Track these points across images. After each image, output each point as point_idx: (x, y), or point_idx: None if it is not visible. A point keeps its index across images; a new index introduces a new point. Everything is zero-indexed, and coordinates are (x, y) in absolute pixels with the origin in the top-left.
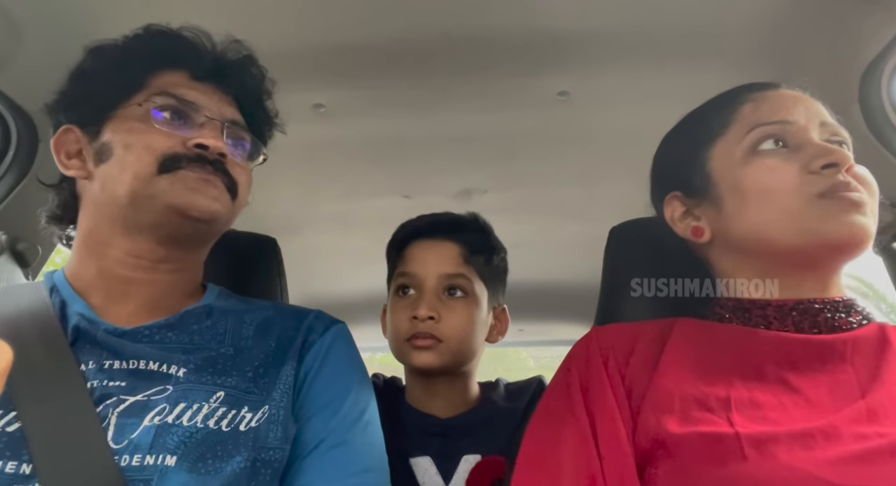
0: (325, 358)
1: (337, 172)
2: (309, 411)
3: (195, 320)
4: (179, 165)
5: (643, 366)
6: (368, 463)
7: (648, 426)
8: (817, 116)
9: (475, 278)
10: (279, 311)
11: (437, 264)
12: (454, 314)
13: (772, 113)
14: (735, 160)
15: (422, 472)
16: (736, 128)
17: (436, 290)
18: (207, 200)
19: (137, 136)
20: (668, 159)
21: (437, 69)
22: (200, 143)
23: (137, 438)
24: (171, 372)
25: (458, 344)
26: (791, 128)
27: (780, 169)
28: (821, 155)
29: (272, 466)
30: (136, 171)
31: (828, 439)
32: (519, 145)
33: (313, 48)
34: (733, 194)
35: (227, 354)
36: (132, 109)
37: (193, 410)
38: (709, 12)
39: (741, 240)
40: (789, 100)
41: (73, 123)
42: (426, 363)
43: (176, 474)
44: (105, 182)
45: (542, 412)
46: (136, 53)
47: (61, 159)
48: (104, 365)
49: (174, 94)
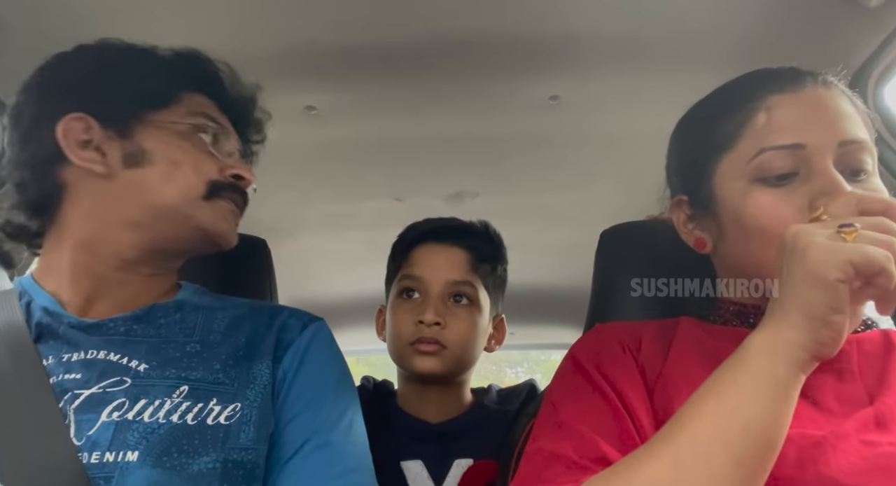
0: (303, 358)
1: (328, 174)
2: (290, 412)
3: (163, 314)
4: (221, 194)
5: (653, 357)
6: (353, 463)
7: (657, 412)
8: (838, 132)
9: (480, 286)
10: (253, 308)
11: (446, 270)
12: (459, 321)
13: (785, 130)
14: (739, 186)
15: (413, 476)
16: (745, 144)
17: (442, 296)
18: (233, 231)
19: (186, 155)
20: (679, 155)
21: (430, 72)
22: (238, 174)
23: (95, 434)
24: (130, 365)
25: (461, 351)
26: (803, 153)
27: (782, 208)
28: (826, 195)
29: (245, 467)
30: (184, 190)
31: (838, 442)
32: (510, 149)
33: (305, 50)
34: (734, 223)
35: (193, 350)
36: (172, 124)
37: (155, 406)
38: (698, 18)
39: (742, 265)
40: (810, 109)
41: (89, 113)
42: (429, 369)
43: (139, 469)
44: (136, 188)
45: (559, 389)
46: (170, 66)
47: (72, 148)
48: (62, 358)
49: (214, 118)
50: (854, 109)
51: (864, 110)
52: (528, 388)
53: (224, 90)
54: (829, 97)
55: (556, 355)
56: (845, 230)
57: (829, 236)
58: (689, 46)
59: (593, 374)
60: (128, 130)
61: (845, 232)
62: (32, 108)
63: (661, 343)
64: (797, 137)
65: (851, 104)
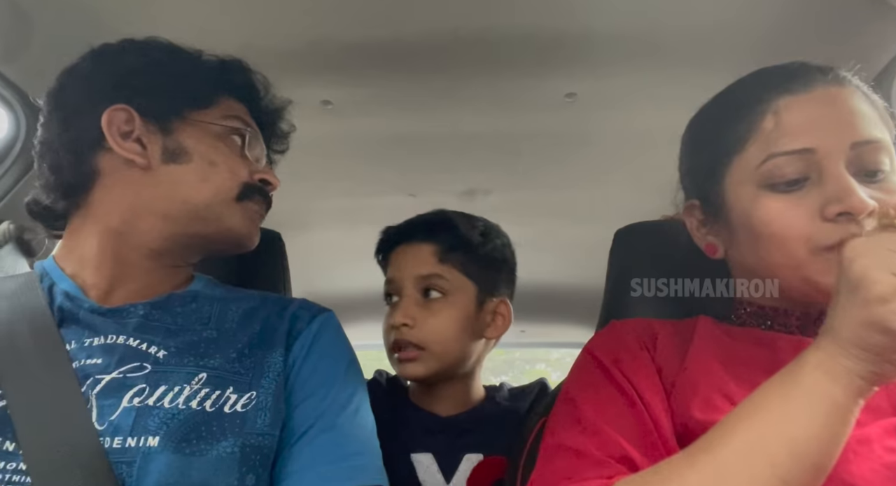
0: (311, 346)
1: (343, 168)
2: (297, 397)
3: (179, 303)
4: (251, 197)
5: (671, 355)
6: (359, 447)
7: (676, 411)
8: (851, 133)
9: (455, 275)
10: (265, 300)
11: (412, 267)
12: (432, 317)
13: (794, 135)
14: (748, 191)
15: (423, 469)
16: (753, 148)
17: (412, 294)
18: (257, 233)
19: (222, 156)
20: (690, 158)
21: (445, 68)
22: (266, 179)
23: (117, 419)
24: (149, 351)
25: (443, 348)
26: (813, 157)
27: (793, 213)
28: (837, 200)
29: (262, 452)
30: (219, 190)
31: (860, 447)
32: (525, 146)
33: (322, 45)
34: (745, 229)
35: (210, 337)
36: (210, 124)
37: (175, 392)
38: (717, 15)
39: (754, 272)
40: (820, 111)
41: (133, 106)
42: (414, 374)
43: (160, 454)
44: (173, 183)
45: (577, 385)
46: (212, 70)
47: (115, 137)
48: (84, 343)
49: (248, 122)
50: (870, 106)
51: (884, 106)
52: (539, 386)
53: (258, 99)
54: (842, 96)
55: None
56: None
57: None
58: (707, 45)
59: (612, 370)
60: (169, 125)
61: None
62: (77, 94)
63: (679, 342)
64: (807, 141)
65: (867, 101)
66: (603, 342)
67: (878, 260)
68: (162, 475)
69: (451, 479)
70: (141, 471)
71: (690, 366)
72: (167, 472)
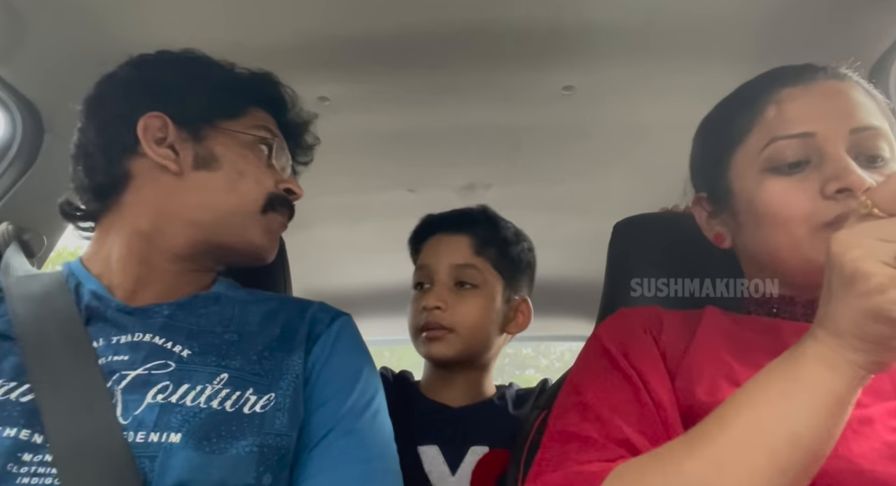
0: (332, 349)
1: (341, 165)
2: (317, 401)
3: (203, 305)
4: (275, 208)
5: (676, 340)
6: (377, 451)
7: (680, 394)
8: (850, 120)
9: (488, 269)
10: (284, 302)
11: (448, 256)
12: (464, 304)
13: (795, 121)
14: (752, 176)
15: (429, 460)
16: (756, 137)
17: (446, 281)
18: (275, 247)
19: (251, 166)
20: (700, 155)
21: (443, 63)
22: (291, 189)
23: (141, 414)
24: (174, 350)
25: (470, 333)
26: (813, 141)
27: (794, 193)
28: (836, 178)
29: (279, 452)
30: (244, 199)
31: (862, 427)
32: (524, 140)
33: (318, 41)
34: (749, 213)
35: (231, 339)
36: (238, 134)
37: (197, 391)
38: (714, 7)
39: (758, 257)
40: (820, 100)
41: (167, 113)
42: (439, 354)
43: (181, 450)
44: (203, 189)
45: (582, 371)
46: (242, 81)
47: (150, 144)
48: (112, 341)
49: (275, 133)
50: (870, 98)
51: (884, 101)
52: (541, 385)
53: (285, 111)
54: (842, 88)
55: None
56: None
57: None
58: (705, 36)
59: (618, 358)
60: (201, 133)
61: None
62: (115, 101)
63: (685, 329)
64: (807, 125)
65: (867, 95)
66: (610, 329)
67: (867, 251)
68: (183, 470)
69: (456, 471)
70: (162, 466)
71: (696, 350)
72: (188, 468)
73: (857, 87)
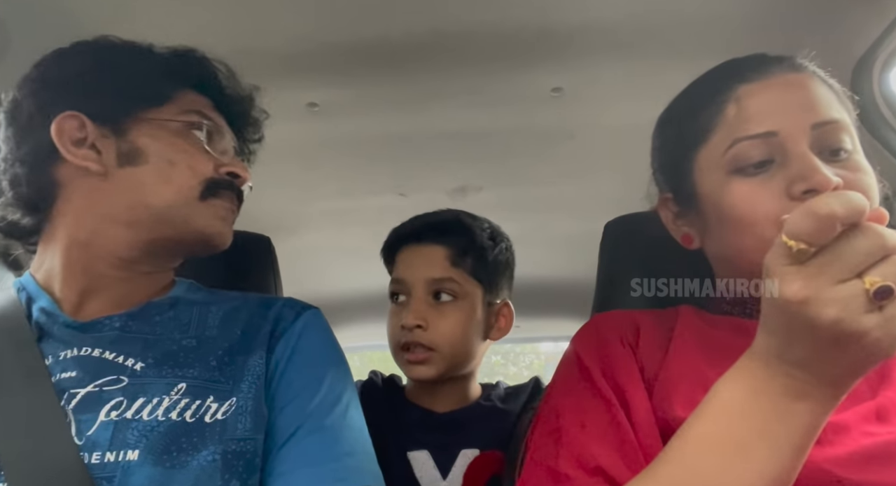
0: (296, 346)
1: (331, 170)
2: (283, 399)
3: (157, 312)
4: (216, 193)
5: (653, 349)
6: (350, 447)
7: (658, 408)
8: (811, 115)
9: (466, 279)
10: (247, 300)
11: (424, 269)
12: (444, 320)
13: (756, 120)
14: (717, 179)
15: (419, 466)
16: (718, 137)
17: (423, 296)
18: (229, 231)
19: (181, 154)
20: (660, 153)
21: (431, 66)
22: (234, 172)
23: (95, 434)
24: (126, 364)
25: (452, 350)
26: (776, 140)
27: (760, 195)
28: (802, 178)
29: (244, 457)
30: (179, 189)
31: (836, 434)
32: (513, 142)
33: (306, 47)
34: (715, 215)
35: (189, 345)
36: (165, 121)
37: (153, 404)
38: (700, 6)
39: (727, 258)
40: (780, 95)
41: (84, 111)
42: (422, 377)
43: (140, 468)
44: (132, 187)
45: (560, 390)
46: (166, 64)
47: (67, 146)
48: (59, 357)
49: (208, 116)
50: (828, 89)
51: (842, 91)
52: (533, 384)
53: (220, 88)
54: (799, 81)
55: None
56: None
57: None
58: (691, 35)
59: (597, 378)
60: (122, 127)
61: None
62: (28, 104)
63: (660, 334)
64: (769, 124)
65: (825, 86)
66: (587, 343)
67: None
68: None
69: (447, 475)
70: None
71: (672, 361)
72: (148, 485)
73: (814, 77)
